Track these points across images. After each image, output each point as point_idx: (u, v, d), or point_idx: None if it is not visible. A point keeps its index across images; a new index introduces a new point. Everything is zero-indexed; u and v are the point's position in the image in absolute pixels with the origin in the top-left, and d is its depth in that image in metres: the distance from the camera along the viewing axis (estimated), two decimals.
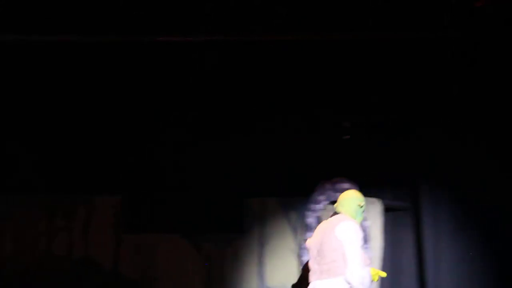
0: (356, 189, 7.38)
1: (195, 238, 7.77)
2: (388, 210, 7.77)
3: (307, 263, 6.67)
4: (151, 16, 7.22)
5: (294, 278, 7.61)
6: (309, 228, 7.55)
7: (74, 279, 7.66)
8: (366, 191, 7.45)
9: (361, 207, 6.56)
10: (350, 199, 6.58)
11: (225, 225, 7.79)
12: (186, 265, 7.73)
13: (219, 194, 7.78)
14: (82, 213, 7.79)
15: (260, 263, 7.74)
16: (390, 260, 7.73)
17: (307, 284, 6.53)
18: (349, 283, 6.10)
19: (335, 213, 6.55)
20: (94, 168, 7.77)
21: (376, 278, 6.45)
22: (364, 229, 7.31)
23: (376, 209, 7.66)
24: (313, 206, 7.64)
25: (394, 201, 7.83)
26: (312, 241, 6.53)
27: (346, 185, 7.55)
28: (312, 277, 6.36)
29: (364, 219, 7.38)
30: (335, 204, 6.64)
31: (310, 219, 7.62)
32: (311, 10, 7.25)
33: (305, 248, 6.80)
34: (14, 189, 7.78)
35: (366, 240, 7.15)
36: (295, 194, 7.77)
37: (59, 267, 7.68)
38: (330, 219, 6.55)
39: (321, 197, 7.64)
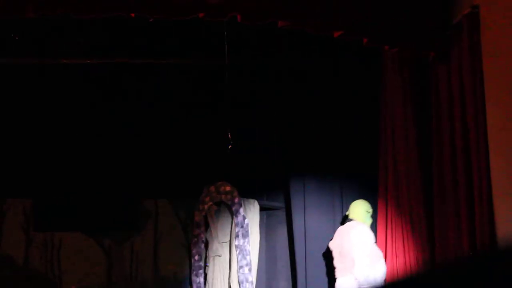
0: (237, 190, 8.01)
1: (97, 235, 8.08)
2: (264, 209, 8.27)
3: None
4: None
5: (185, 267, 8.05)
6: (196, 225, 7.94)
7: None
8: (244, 193, 8.11)
9: (369, 212, 7.30)
10: (359, 207, 7.30)
11: (123, 223, 8.10)
12: (89, 258, 8.06)
13: (118, 195, 8.10)
14: None
15: (155, 256, 8.12)
16: (266, 251, 8.27)
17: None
18: (356, 279, 6.97)
19: (349, 220, 7.27)
20: (6, 172, 7.90)
21: None
22: (248, 227, 7.86)
23: (254, 208, 8.12)
24: (200, 206, 7.95)
25: (269, 202, 8.34)
26: (334, 244, 7.29)
27: (228, 187, 8.01)
28: (337, 274, 7.20)
29: (245, 218, 7.93)
30: (347, 213, 7.28)
31: (197, 218, 7.97)
32: None
33: (331, 250, 7.39)
34: None
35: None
36: (184, 196, 8.15)
37: None
38: (346, 224, 7.27)
39: (206, 199, 7.95)
